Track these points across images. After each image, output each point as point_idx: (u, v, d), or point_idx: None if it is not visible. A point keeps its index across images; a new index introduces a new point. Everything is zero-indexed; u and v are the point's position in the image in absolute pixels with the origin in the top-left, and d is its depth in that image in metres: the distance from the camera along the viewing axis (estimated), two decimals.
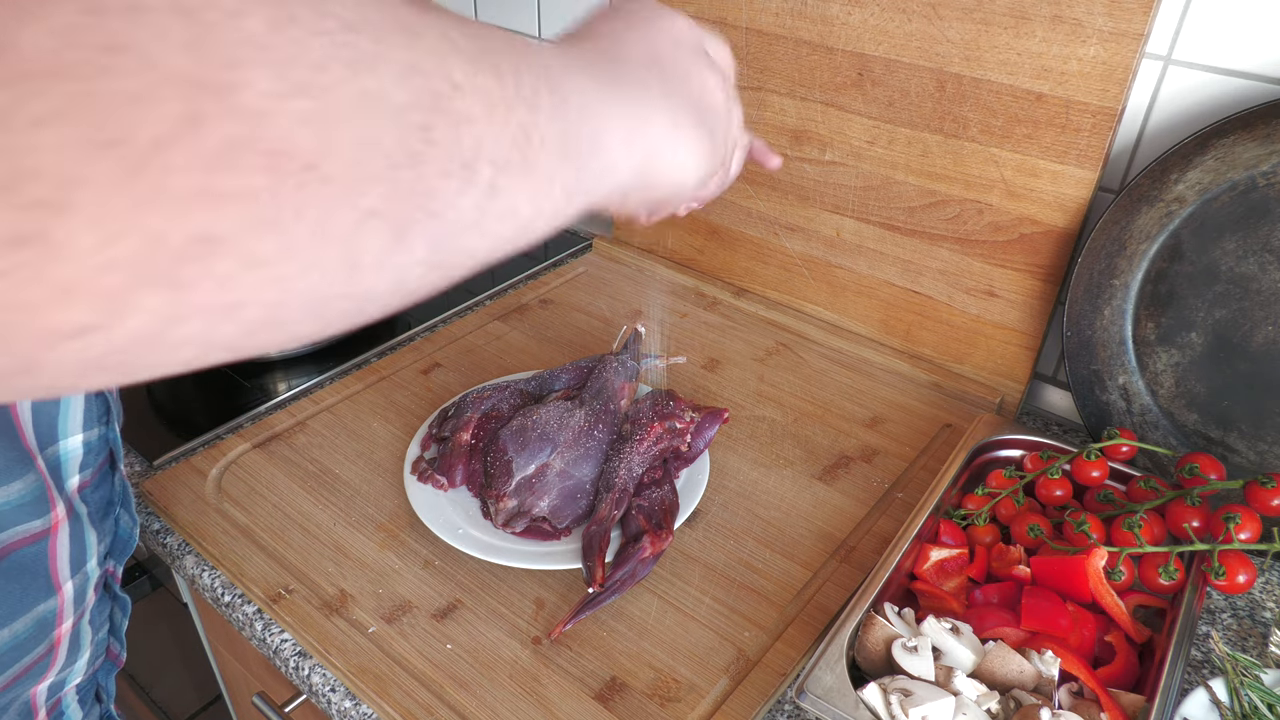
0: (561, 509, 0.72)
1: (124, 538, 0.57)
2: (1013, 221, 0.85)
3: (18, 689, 0.50)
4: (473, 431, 0.78)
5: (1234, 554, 0.64)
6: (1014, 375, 0.90)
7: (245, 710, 0.97)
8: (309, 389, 0.92)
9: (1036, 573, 0.67)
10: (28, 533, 0.47)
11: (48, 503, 0.48)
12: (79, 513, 0.51)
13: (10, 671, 0.48)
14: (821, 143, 0.94)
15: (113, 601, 0.58)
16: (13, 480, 0.45)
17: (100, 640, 0.56)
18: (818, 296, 1.02)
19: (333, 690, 0.63)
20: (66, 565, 0.50)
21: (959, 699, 0.56)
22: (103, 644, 0.56)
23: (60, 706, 0.54)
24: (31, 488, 0.47)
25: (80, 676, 0.54)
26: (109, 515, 0.55)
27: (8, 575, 0.46)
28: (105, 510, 0.54)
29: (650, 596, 0.69)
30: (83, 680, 0.55)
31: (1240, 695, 0.61)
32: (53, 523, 0.48)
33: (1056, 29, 0.76)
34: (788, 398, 0.91)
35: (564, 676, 0.63)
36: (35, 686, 0.51)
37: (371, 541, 0.73)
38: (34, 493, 0.47)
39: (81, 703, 0.56)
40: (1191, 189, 0.74)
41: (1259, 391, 0.74)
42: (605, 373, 0.81)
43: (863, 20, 0.86)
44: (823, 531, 0.75)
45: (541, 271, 1.15)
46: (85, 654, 0.54)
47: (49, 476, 0.48)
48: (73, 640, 0.52)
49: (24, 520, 0.47)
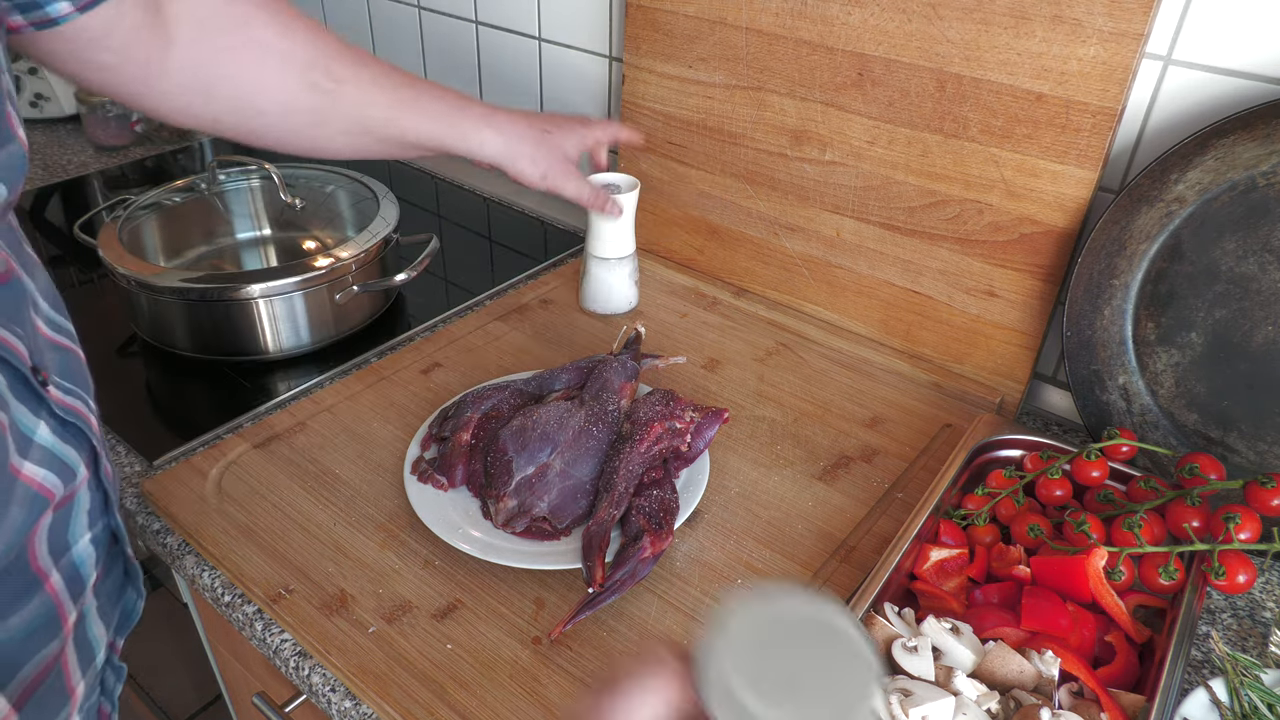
0: (561, 509, 0.72)
1: (128, 611, 0.57)
2: (1013, 221, 0.85)
3: None
4: (473, 431, 0.78)
5: (1234, 554, 0.64)
6: (1014, 375, 0.90)
7: (245, 710, 0.97)
8: (309, 389, 0.92)
9: (1036, 573, 0.67)
10: (44, 662, 0.47)
11: (59, 624, 0.48)
12: (85, 615, 0.51)
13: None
14: (821, 143, 0.94)
15: (109, 666, 0.58)
16: (22, 607, 0.46)
17: (92, 706, 0.56)
18: (818, 296, 1.02)
19: (333, 690, 0.63)
20: (77, 670, 0.51)
21: (959, 699, 0.56)
22: (94, 710, 0.57)
23: None
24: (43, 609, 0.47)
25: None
26: (119, 601, 0.55)
27: (33, 712, 0.47)
28: (116, 596, 0.55)
29: (650, 596, 0.69)
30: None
31: (1240, 695, 0.61)
32: (63, 643, 0.49)
33: (1056, 29, 0.76)
34: (788, 398, 0.91)
35: (564, 676, 0.63)
36: None
37: (371, 541, 0.73)
38: (46, 615, 0.47)
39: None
40: (1191, 189, 0.74)
41: (1259, 391, 0.74)
42: (605, 373, 0.81)
43: (863, 20, 0.86)
44: (823, 531, 0.75)
45: (541, 271, 1.15)
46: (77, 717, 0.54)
47: (66, 589, 0.48)
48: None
49: (39, 649, 0.47)
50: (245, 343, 0.95)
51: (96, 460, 0.52)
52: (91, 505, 0.51)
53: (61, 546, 0.49)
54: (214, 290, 0.91)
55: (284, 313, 0.94)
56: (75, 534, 0.50)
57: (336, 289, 0.96)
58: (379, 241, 1.00)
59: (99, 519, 0.52)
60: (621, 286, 1.03)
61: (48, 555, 0.47)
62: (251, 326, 0.94)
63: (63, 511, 0.48)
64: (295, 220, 1.17)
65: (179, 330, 0.95)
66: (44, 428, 0.46)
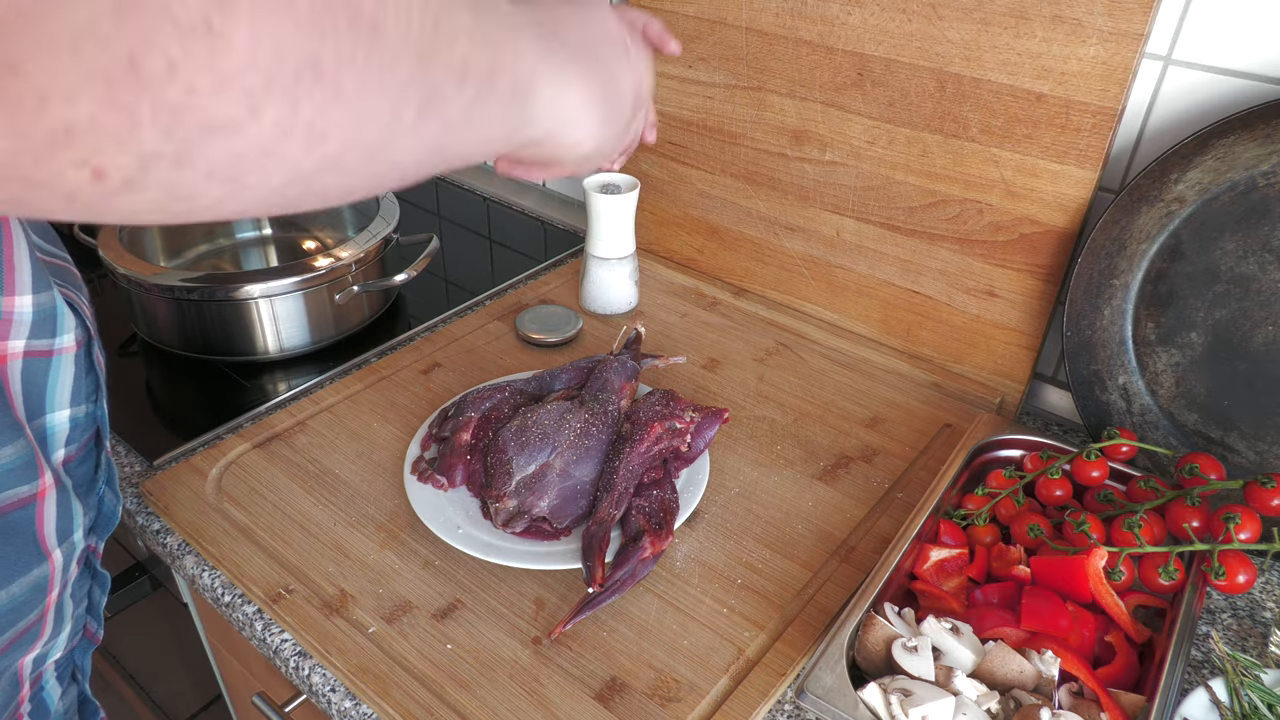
0: (561, 509, 0.72)
1: (107, 514, 0.57)
2: (1013, 221, 0.85)
3: (11, 655, 0.50)
4: (473, 431, 0.78)
5: (1234, 554, 0.64)
6: (1014, 375, 0.90)
7: (245, 710, 0.97)
8: (309, 389, 0.92)
9: (1036, 573, 0.67)
10: (17, 496, 0.48)
11: (36, 469, 0.48)
12: (65, 484, 0.51)
13: (7, 635, 0.48)
14: (821, 143, 0.94)
15: (92, 578, 0.58)
16: (3, 446, 0.46)
17: (79, 616, 0.56)
18: (818, 296, 1.02)
19: (333, 690, 0.63)
20: (54, 533, 0.50)
21: (959, 699, 0.56)
22: (81, 620, 0.57)
23: (41, 682, 0.55)
24: (21, 453, 0.47)
25: (60, 651, 0.55)
26: (93, 490, 0.55)
27: (2, 537, 0.47)
28: (89, 485, 0.55)
29: (650, 596, 0.69)
30: (61, 656, 0.55)
31: (1240, 695, 0.61)
32: (40, 489, 0.49)
33: (1056, 29, 0.76)
34: (788, 398, 0.91)
35: (564, 676, 0.63)
36: (24, 656, 0.51)
37: (371, 541, 0.73)
38: (23, 458, 0.47)
39: (60, 679, 0.56)
40: (1191, 189, 0.74)
41: (1259, 391, 0.74)
42: (605, 373, 0.81)
43: (863, 20, 0.86)
44: (823, 531, 0.75)
45: (541, 271, 1.15)
46: (66, 628, 0.54)
47: (36, 446, 0.49)
48: (57, 611, 0.53)
49: (14, 484, 0.47)
50: (245, 343, 0.95)
51: (89, 343, 0.52)
52: (75, 379, 0.51)
53: (38, 409, 0.49)
54: (214, 290, 0.91)
55: (284, 313, 0.94)
56: (53, 403, 0.50)
57: (336, 289, 0.96)
58: (379, 241, 1.00)
59: (82, 400, 0.52)
60: (621, 286, 1.03)
61: (22, 410, 0.48)
62: (251, 326, 0.94)
63: (41, 363, 0.48)
64: (295, 220, 1.17)
65: (179, 330, 0.95)
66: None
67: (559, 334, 0.98)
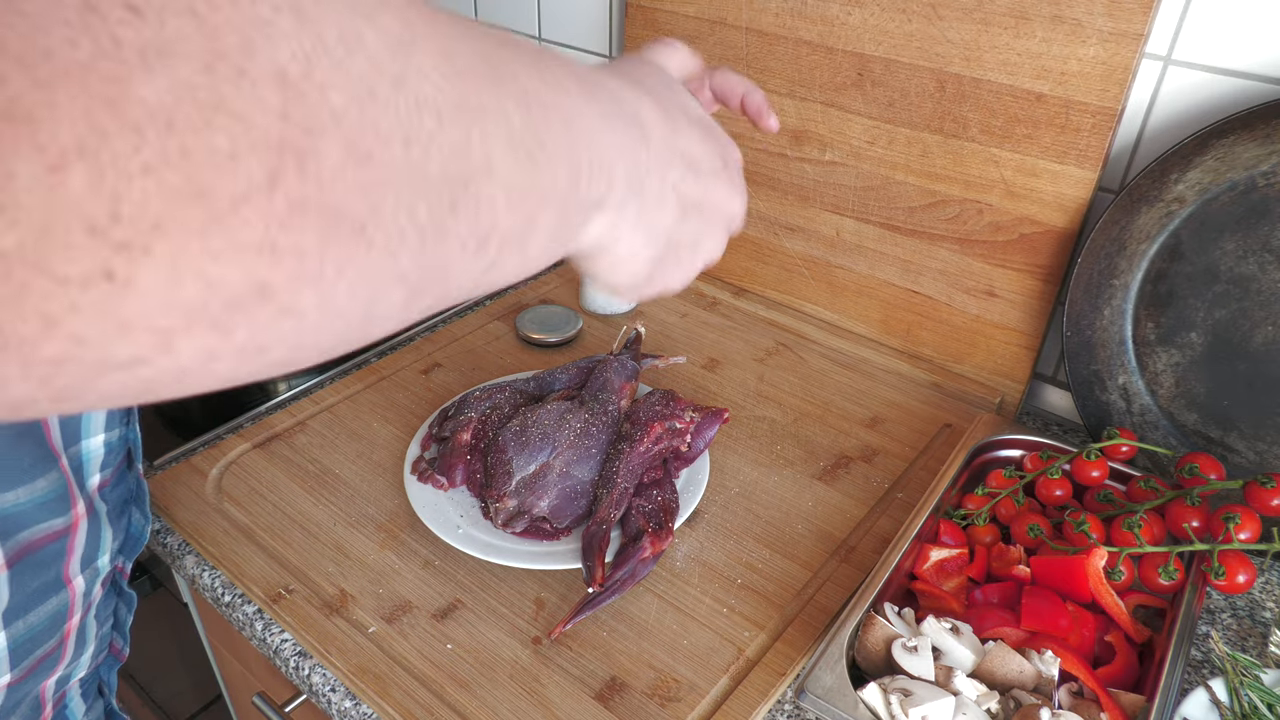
0: (561, 509, 0.72)
1: (135, 534, 0.58)
2: (1013, 221, 0.85)
3: (30, 683, 0.50)
4: (473, 431, 0.78)
5: (1234, 554, 0.64)
6: (1014, 375, 0.90)
7: (245, 710, 0.97)
8: (309, 389, 0.92)
9: (1036, 573, 0.67)
10: (49, 530, 0.48)
11: (69, 501, 0.49)
12: (98, 510, 0.52)
13: (25, 664, 0.49)
14: (821, 143, 0.94)
15: (118, 597, 0.58)
16: (36, 478, 0.46)
17: (104, 635, 0.56)
18: (818, 296, 1.02)
19: (333, 690, 0.63)
20: (78, 561, 0.51)
21: (959, 699, 0.56)
22: (106, 639, 0.57)
23: (64, 700, 0.55)
24: (55, 486, 0.47)
25: (84, 670, 0.55)
26: (125, 513, 0.55)
27: (27, 571, 0.47)
28: (122, 508, 0.55)
29: (650, 596, 0.69)
30: (86, 674, 0.55)
31: (1240, 695, 0.61)
32: (73, 520, 0.49)
33: (1056, 29, 0.76)
34: (788, 398, 0.91)
35: (564, 676, 0.63)
36: (45, 681, 0.51)
37: (371, 541, 0.73)
38: (56, 491, 0.48)
39: (84, 696, 0.57)
40: (1191, 189, 0.74)
41: (1259, 391, 0.74)
42: (605, 373, 0.81)
43: (863, 20, 0.86)
44: (823, 531, 0.75)
45: (542, 271, 1.15)
46: (90, 648, 0.54)
47: (71, 475, 0.49)
48: (79, 635, 0.53)
49: (47, 519, 0.47)
50: None
51: None
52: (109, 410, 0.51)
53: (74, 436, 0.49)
54: None
55: None
56: (89, 429, 0.50)
57: None
58: None
59: (116, 425, 0.52)
60: None
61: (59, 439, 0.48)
62: None
63: None
64: None
65: None
66: None
67: (559, 334, 0.98)
